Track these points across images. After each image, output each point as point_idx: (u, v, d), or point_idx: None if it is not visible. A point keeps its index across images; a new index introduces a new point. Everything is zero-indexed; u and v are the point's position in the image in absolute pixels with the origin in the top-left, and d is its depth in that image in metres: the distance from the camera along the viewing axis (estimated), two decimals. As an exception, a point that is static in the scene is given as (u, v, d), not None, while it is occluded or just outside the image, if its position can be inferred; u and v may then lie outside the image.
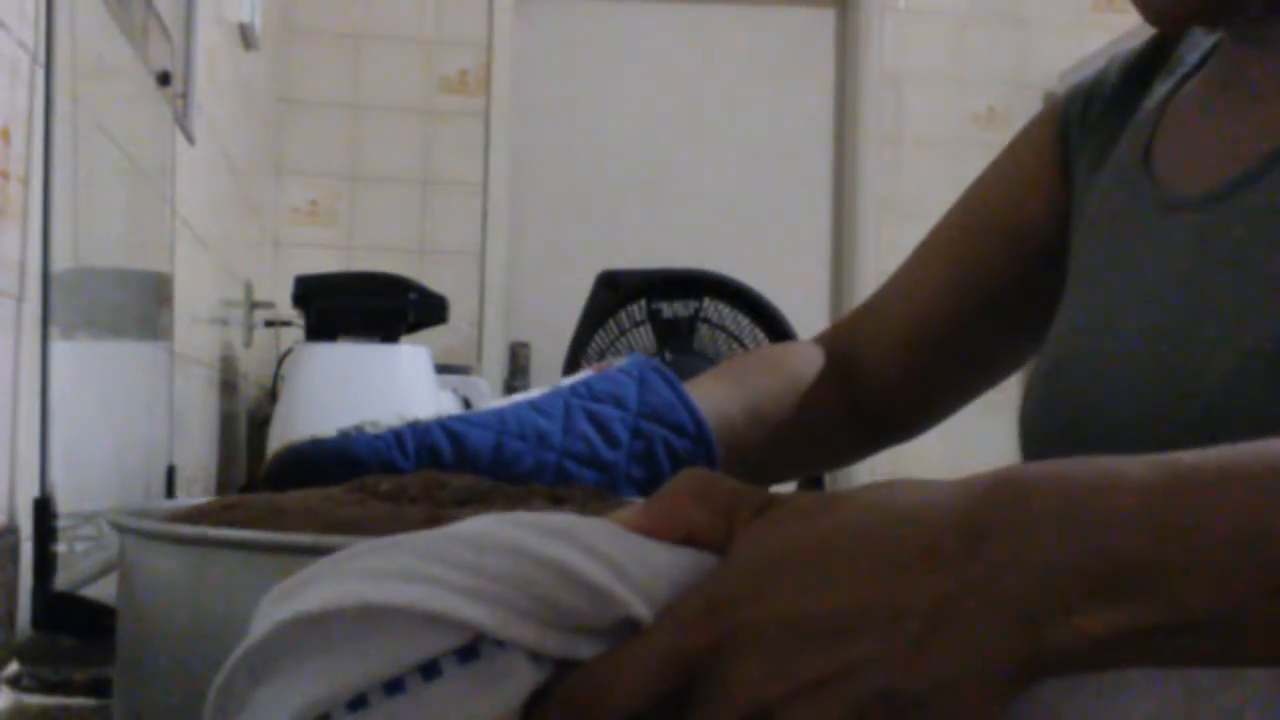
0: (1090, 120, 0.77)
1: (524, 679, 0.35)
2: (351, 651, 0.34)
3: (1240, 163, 0.62)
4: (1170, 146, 0.69)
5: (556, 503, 0.51)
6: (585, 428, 0.67)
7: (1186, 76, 0.72)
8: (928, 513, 0.36)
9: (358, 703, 0.34)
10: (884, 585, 0.35)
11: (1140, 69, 0.76)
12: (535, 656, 0.35)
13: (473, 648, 0.34)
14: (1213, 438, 0.57)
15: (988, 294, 0.81)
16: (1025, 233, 0.79)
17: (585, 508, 0.51)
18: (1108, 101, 0.76)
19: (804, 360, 0.86)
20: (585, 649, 0.36)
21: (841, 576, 0.35)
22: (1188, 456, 0.37)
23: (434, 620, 0.34)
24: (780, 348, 0.90)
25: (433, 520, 0.47)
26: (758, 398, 0.81)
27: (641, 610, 0.36)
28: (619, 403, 0.68)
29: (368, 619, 0.34)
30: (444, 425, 0.64)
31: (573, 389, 0.70)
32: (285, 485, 0.57)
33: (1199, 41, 0.74)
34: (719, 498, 0.38)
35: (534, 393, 0.71)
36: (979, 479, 0.37)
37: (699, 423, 0.71)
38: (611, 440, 0.67)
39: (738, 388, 0.81)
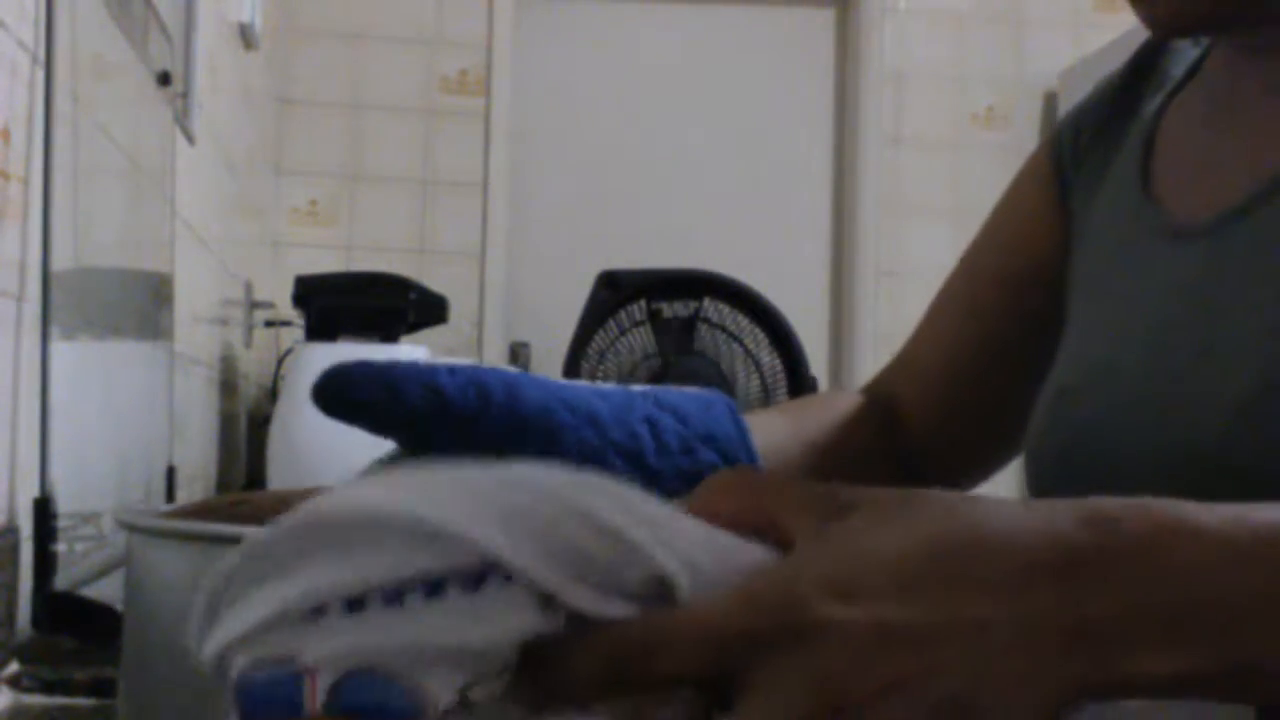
0: (1083, 146, 0.77)
1: (527, 620, 0.34)
2: (358, 557, 0.33)
3: (1243, 185, 0.61)
4: (1169, 167, 0.69)
5: None
6: (640, 427, 0.66)
7: (1175, 90, 0.72)
8: (1023, 536, 0.37)
9: (355, 604, 0.33)
10: (975, 599, 0.36)
11: (1125, 88, 0.76)
12: (546, 601, 0.34)
13: (482, 576, 0.34)
14: (1223, 468, 0.56)
15: (1006, 339, 0.80)
16: (1034, 272, 0.78)
17: None
18: (1098, 125, 0.76)
19: (852, 405, 0.86)
20: (608, 607, 0.35)
21: (935, 587, 0.36)
22: (1258, 513, 0.39)
23: (446, 540, 0.33)
24: (830, 392, 0.90)
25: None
26: (813, 434, 0.81)
27: (674, 568, 0.35)
28: (681, 418, 0.68)
29: (379, 528, 0.34)
30: (498, 370, 0.63)
31: (641, 390, 0.70)
32: (330, 407, 0.56)
33: (1184, 53, 0.73)
34: (763, 490, 0.39)
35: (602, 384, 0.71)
36: (1067, 508, 0.38)
37: (754, 463, 0.71)
38: (662, 448, 0.66)
39: (796, 424, 0.81)
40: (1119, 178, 0.72)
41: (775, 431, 0.78)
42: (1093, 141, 0.76)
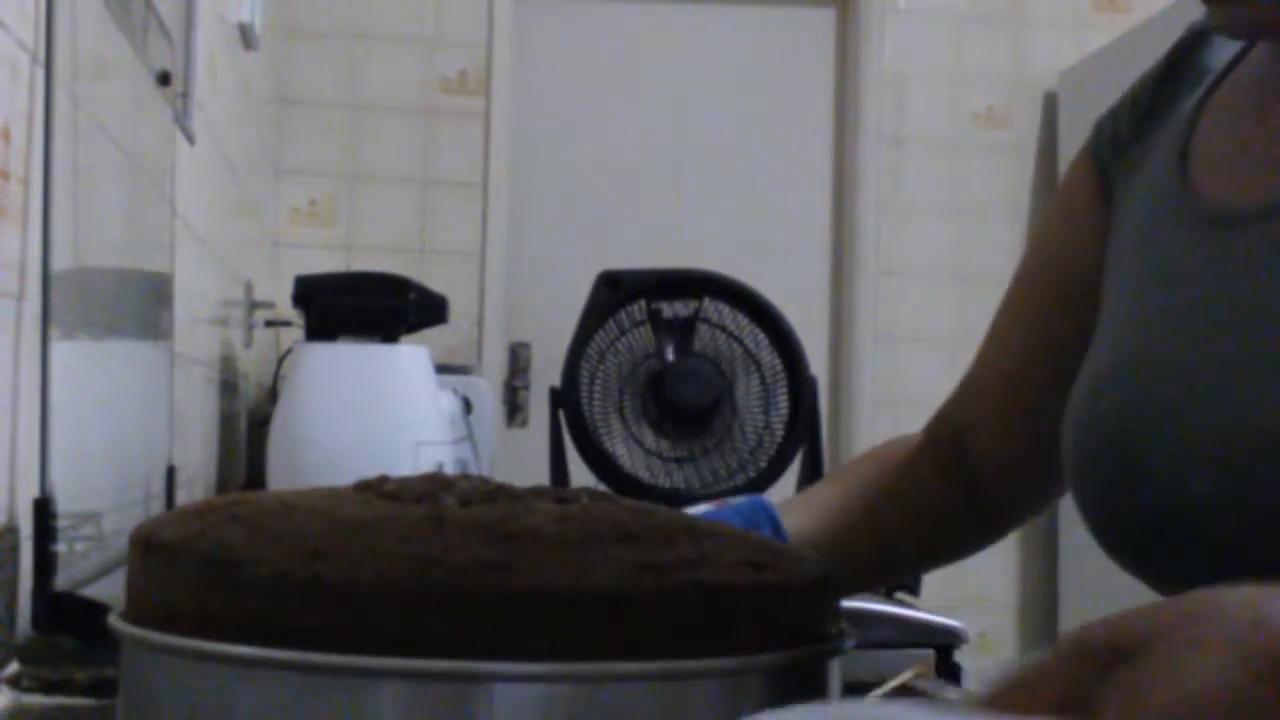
0: (1121, 142, 0.76)
1: None
2: None
3: None
4: (1208, 158, 0.68)
5: (561, 502, 0.51)
6: None
7: (1216, 83, 0.71)
8: None
9: None
10: None
11: (1162, 81, 0.75)
12: None
13: None
14: (1274, 457, 0.55)
15: (1065, 350, 0.78)
16: (1086, 278, 0.77)
17: (590, 507, 0.51)
18: (1135, 120, 0.75)
19: (913, 452, 0.85)
20: None
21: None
22: None
23: None
24: (890, 443, 0.89)
25: (435, 520, 0.47)
26: (871, 493, 0.81)
27: None
28: None
29: None
30: None
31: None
32: None
33: (1222, 47, 0.73)
34: (1045, 679, 0.39)
35: None
36: None
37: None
38: None
39: (854, 486, 0.82)
40: (1156, 168, 0.71)
41: (825, 506, 0.79)
42: (1132, 136, 0.75)
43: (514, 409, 3.35)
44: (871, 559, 0.82)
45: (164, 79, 1.55)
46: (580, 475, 1.56)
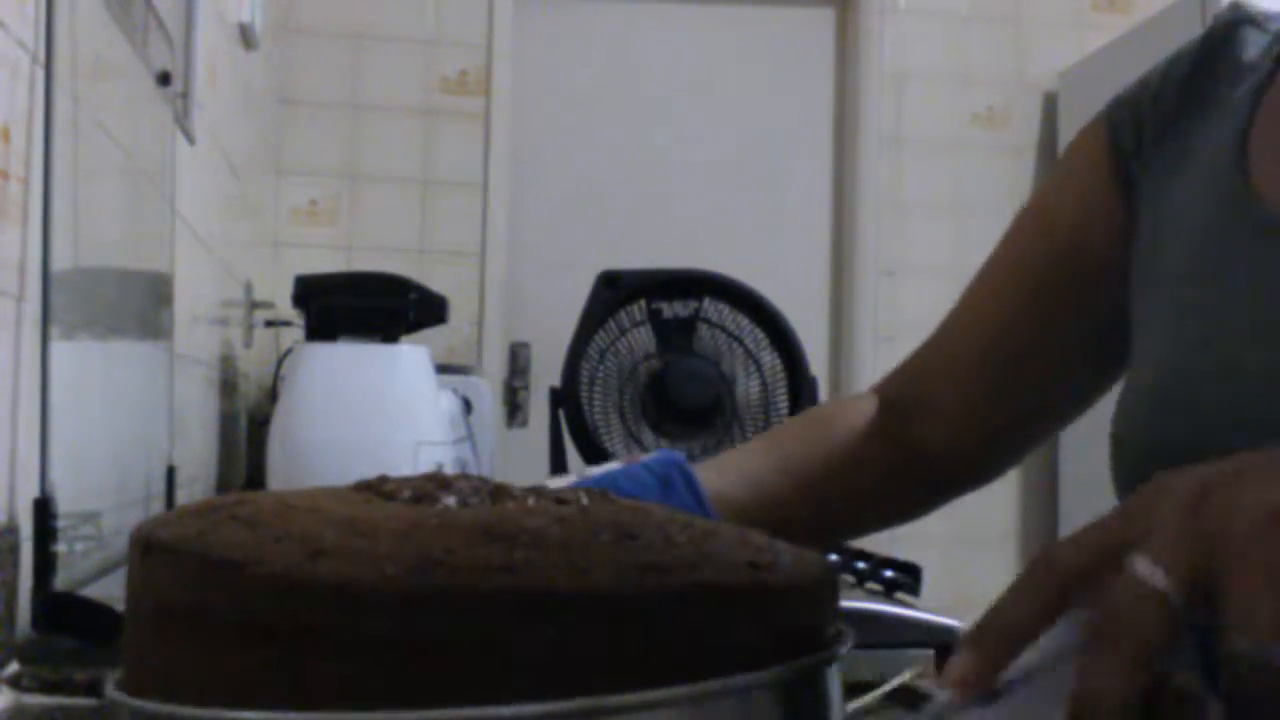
0: (1148, 132, 0.74)
1: None
2: None
3: None
4: (1271, 160, 0.66)
5: (560, 503, 0.51)
6: None
7: (1267, 81, 0.69)
8: None
9: None
10: None
11: (1194, 74, 0.73)
12: None
13: None
14: None
15: (1053, 320, 0.77)
16: (1086, 253, 0.76)
17: (590, 507, 0.51)
18: (1167, 111, 0.73)
19: (853, 414, 0.83)
20: None
21: None
22: None
23: None
24: (829, 406, 0.88)
25: (435, 519, 0.47)
26: (794, 460, 0.79)
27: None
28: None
29: None
30: None
31: (597, 482, 0.70)
32: None
33: (1255, 40, 0.71)
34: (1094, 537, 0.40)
35: (555, 481, 0.70)
36: None
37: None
38: None
39: (778, 451, 0.80)
40: (1209, 167, 0.69)
41: (760, 468, 0.77)
42: (1164, 127, 0.73)
43: (514, 409, 3.35)
44: (801, 530, 0.81)
45: (164, 79, 1.55)
46: (580, 475, 1.56)
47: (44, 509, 0.98)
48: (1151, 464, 0.67)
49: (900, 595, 1.45)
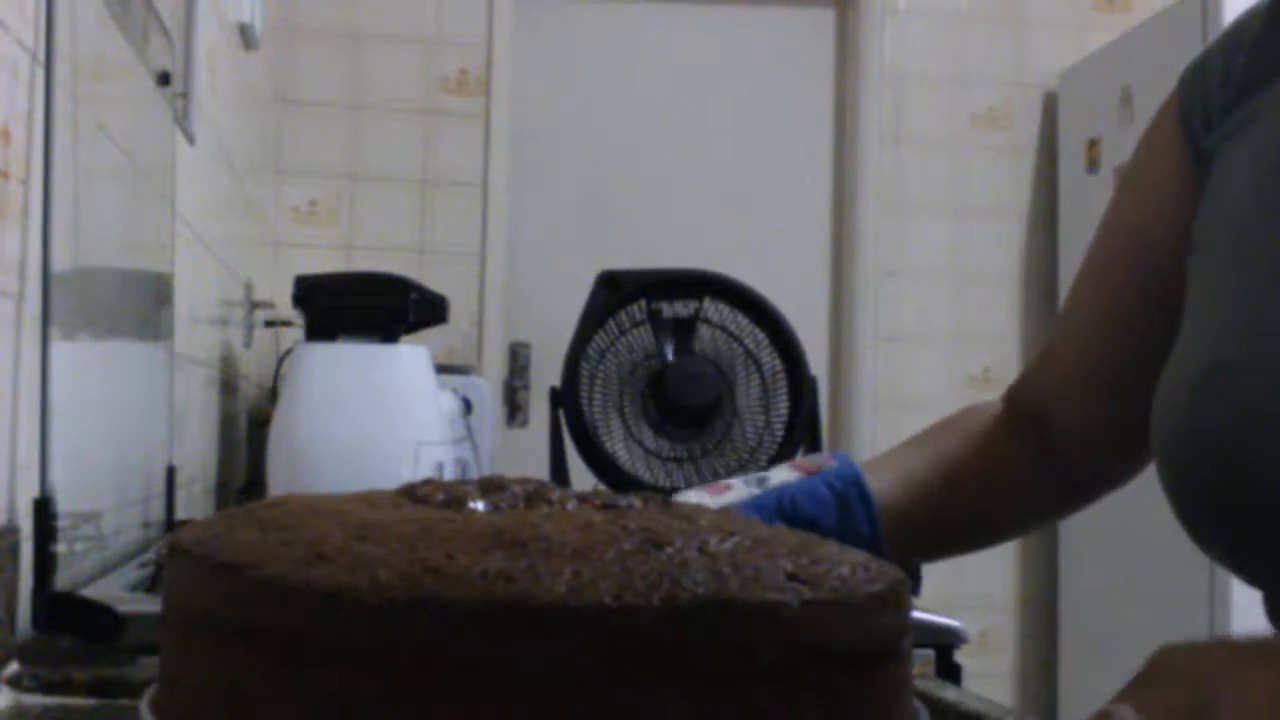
0: (1214, 105, 0.71)
1: None
2: None
3: None
4: None
5: (605, 508, 0.50)
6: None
7: None
8: None
9: None
10: None
11: (1263, 44, 0.71)
12: None
13: None
14: None
15: (1146, 316, 0.76)
16: (1170, 244, 0.74)
17: (635, 513, 0.50)
18: (1237, 82, 0.71)
19: (988, 417, 0.84)
20: None
21: None
22: None
23: None
24: (968, 411, 0.87)
25: (449, 525, 0.46)
26: (945, 455, 0.80)
27: None
28: (816, 531, 0.65)
29: None
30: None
31: (778, 502, 0.70)
32: None
33: None
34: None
35: (737, 489, 0.71)
36: None
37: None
38: None
39: (928, 447, 0.80)
40: (1265, 140, 0.67)
41: (909, 474, 0.77)
42: (1231, 97, 0.71)
43: (514, 409, 3.35)
44: (955, 529, 0.80)
45: (164, 79, 1.55)
46: (580, 475, 1.56)
47: (44, 509, 0.98)
48: (1193, 458, 0.64)
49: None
